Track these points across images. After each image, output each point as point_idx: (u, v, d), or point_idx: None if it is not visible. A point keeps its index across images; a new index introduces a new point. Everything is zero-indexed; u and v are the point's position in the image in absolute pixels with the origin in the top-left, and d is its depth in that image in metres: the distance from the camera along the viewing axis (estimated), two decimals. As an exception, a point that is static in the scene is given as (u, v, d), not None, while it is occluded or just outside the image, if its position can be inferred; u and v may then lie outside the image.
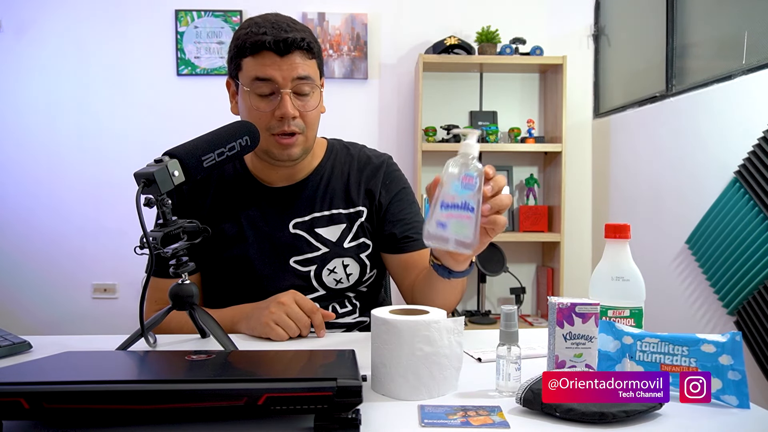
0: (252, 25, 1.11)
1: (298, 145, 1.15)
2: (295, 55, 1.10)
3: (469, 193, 0.80)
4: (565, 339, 0.74)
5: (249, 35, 1.09)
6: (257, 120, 1.10)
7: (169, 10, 3.06)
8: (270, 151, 1.14)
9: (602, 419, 0.63)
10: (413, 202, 1.29)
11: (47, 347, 0.96)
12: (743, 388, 0.70)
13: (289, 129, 1.11)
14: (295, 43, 1.09)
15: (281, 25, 1.10)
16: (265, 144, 1.13)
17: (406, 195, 1.28)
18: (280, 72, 1.09)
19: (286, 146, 1.13)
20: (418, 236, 1.23)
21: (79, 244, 3.09)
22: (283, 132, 1.12)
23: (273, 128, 1.12)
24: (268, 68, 1.08)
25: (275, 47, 1.08)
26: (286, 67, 1.09)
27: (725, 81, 2.08)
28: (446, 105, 3.14)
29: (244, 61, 1.11)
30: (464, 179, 0.80)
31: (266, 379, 0.62)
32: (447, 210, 0.80)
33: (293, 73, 1.09)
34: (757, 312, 1.86)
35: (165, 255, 0.90)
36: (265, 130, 1.12)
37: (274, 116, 1.11)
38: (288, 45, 1.08)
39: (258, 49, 1.08)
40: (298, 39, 1.09)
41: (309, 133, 1.16)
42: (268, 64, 1.09)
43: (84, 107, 3.07)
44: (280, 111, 1.10)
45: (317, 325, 1.04)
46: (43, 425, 0.64)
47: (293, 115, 1.10)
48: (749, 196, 1.90)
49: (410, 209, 1.27)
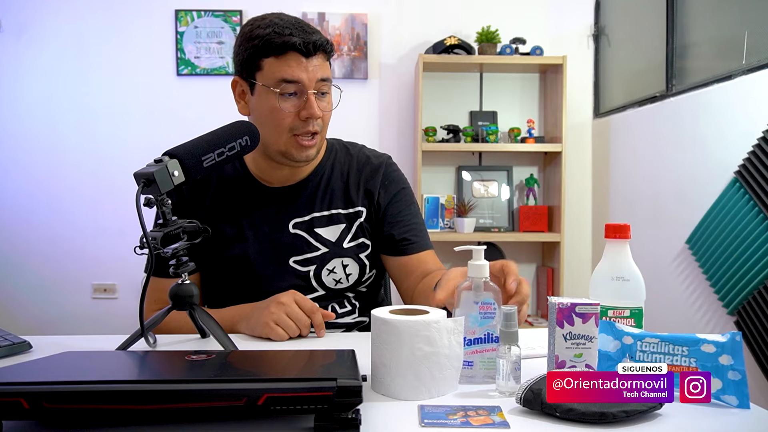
0: (272, 25, 1.10)
1: (316, 145, 1.16)
2: (318, 57, 1.11)
3: (490, 323, 0.78)
4: (565, 339, 0.74)
5: (272, 35, 1.08)
6: (280, 121, 1.11)
7: (169, 10, 3.06)
8: (288, 152, 1.14)
9: (602, 419, 0.63)
10: (412, 203, 1.28)
11: (47, 347, 0.96)
12: (743, 388, 0.70)
13: (313, 129, 1.12)
14: (320, 44, 1.10)
15: (304, 26, 1.11)
16: (283, 145, 1.13)
17: (405, 195, 1.28)
18: (306, 74, 1.09)
19: (307, 147, 1.14)
20: (416, 239, 1.23)
21: (79, 244, 3.08)
22: (307, 132, 1.12)
23: (297, 128, 1.12)
24: (296, 69, 1.09)
25: (303, 49, 1.08)
26: (311, 68, 1.10)
27: (725, 81, 2.07)
28: (446, 105, 3.14)
29: (266, 61, 1.10)
30: (482, 308, 0.78)
31: (266, 379, 0.62)
32: (470, 347, 0.78)
33: (318, 75, 1.11)
34: (757, 312, 1.86)
35: (165, 255, 0.90)
36: (288, 131, 1.12)
37: (299, 117, 1.11)
38: (315, 47, 1.10)
39: (284, 50, 1.08)
40: (324, 41, 1.11)
41: (324, 134, 1.18)
42: (295, 65, 1.09)
43: (84, 107, 3.07)
44: (306, 112, 1.10)
45: (317, 325, 1.04)
46: (43, 425, 0.64)
47: (319, 116, 1.11)
48: (749, 196, 1.90)
49: (409, 210, 1.26)
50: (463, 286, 0.80)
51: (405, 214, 1.25)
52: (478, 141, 2.99)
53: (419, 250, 1.23)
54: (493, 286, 0.79)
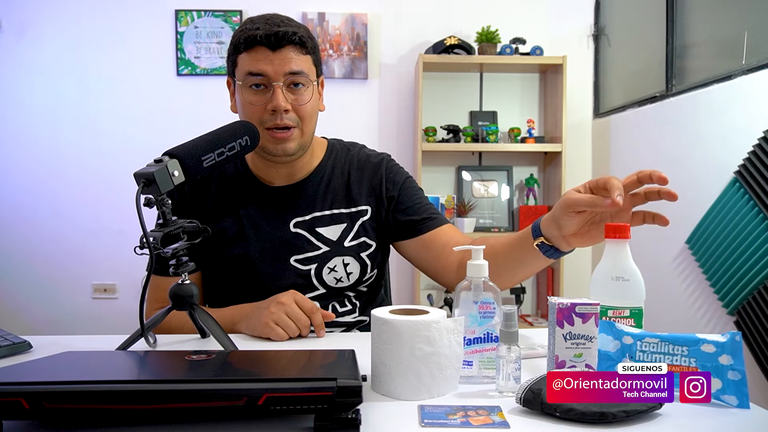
0: (248, 23, 1.13)
1: (294, 139, 1.15)
2: (287, 50, 1.11)
3: (489, 323, 0.78)
4: (565, 339, 0.74)
5: (243, 31, 1.11)
6: (251, 114, 1.12)
7: (169, 10, 3.06)
8: (264, 146, 1.14)
9: (602, 419, 0.63)
10: (420, 189, 1.30)
11: (47, 347, 0.96)
12: (743, 388, 0.70)
13: (282, 122, 1.12)
14: (287, 36, 1.10)
15: (275, 20, 1.12)
16: (261, 140, 1.13)
17: (412, 183, 1.29)
18: (272, 66, 1.10)
19: (280, 140, 1.13)
20: (436, 215, 1.24)
21: (79, 244, 3.08)
22: (276, 125, 1.12)
23: (266, 122, 1.12)
24: (261, 62, 1.10)
25: (267, 41, 1.09)
26: (278, 61, 1.10)
27: (725, 81, 2.08)
28: (446, 105, 3.14)
29: (240, 57, 1.13)
30: (481, 308, 0.78)
31: (266, 379, 0.62)
32: (470, 347, 0.78)
33: (285, 68, 1.10)
34: (757, 312, 1.86)
35: (165, 255, 0.90)
36: (259, 124, 1.12)
37: (267, 110, 1.11)
38: (279, 39, 1.09)
39: (251, 44, 1.10)
40: (290, 33, 1.10)
41: (305, 128, 1.16)
42: (261, 58, 1.10)
43: (84, 107, 3.07)
44: (271, 104, 1.11)
45: (317, 325, 1.04)
46: (43, 425, 0.64)
47: (285, 108, 1.11)
48: (749, 196, 1.90)
49: (420, 194, 1.28)
50: (463, 285, 0.80)
51: (418, 198, 1.26)
52: (478, 141, 2.99)
53: (442, 223, 1.23)
54: (492, 286, 0.79)
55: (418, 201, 1.26)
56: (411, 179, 1.30)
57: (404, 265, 3.13)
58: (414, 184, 1.29)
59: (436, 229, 1.22)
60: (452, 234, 1.22)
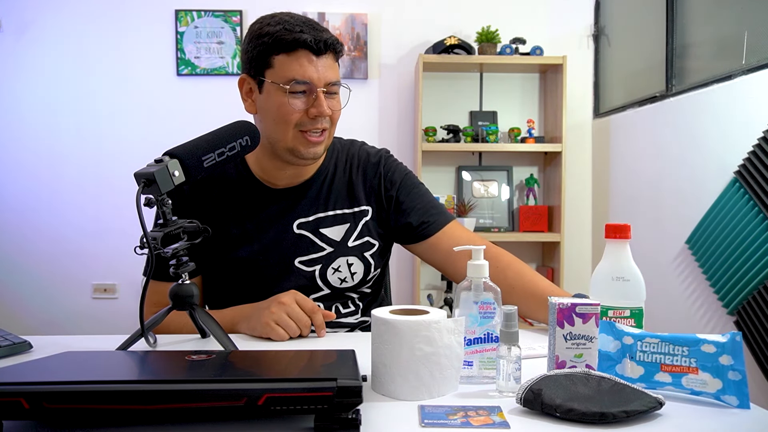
0: (283, 23, 1.10)
1: (324, 143, 1.16)
2: (329, 56, 1.12)
3: (490, 323, 0.78)
4: (565, 339, 0.74)
5: (283, 32, 1.08)
6: (288, 116, 1.10)
7: (169, 10, 3.06)
8: (296, 148, 1.13)
9: (602, 419, 0.63)
10: (419, 184, 1.28)
11: (47, 347, 0.96)
12: (743, 388, 0.70)
13: (322, 126, 1.12)
14: (330, 43, 1.10)
15: (314, 24, 1.11)
16: (291, 141, 1.12)
17: (411, 180, 1.27)
18: (317, 73, 1.09)
19: (314, 144, 1.13)
20: (434, 218, 1.23)
21: (79, 244, 3.08)
22: (315, 129, 1.12)
23: (303, 125, 1.11)
24: (307, 69, 1.09)
25: (313, 47, 1.08)
26: (321, 68, 1.10)
27: (725, 81, 2.07)
28: (446, 105, 3.14)
29: (276, 58, 1.10)
30: (481, 308, 0.78)
31: (266, 380, 0.62)
32: (470, 347, 0.78)
33: (329, 76, 1.11)
34: (757, 312, 1.86)
35: (165, 255, 0.90)
36: (294, 126, 1.11)
37: (308, 114, 1.11)
38: (326, 45, 1.10)
39: (295, 47, 1.08)
40: (333, 40, 1.11)
41: (332, 132, 1.17)
42: (306, 63, 1.09)
43: (84, 107, 3.07)
44: (316, 110, 1.10)
45: (318, 325, 1.04)
46: (43, 425, 0.64)
47: (328, 114, 1.11)
48: (749, 196, 1.90)
49: (418, 192, 1.26)
50: (463, 286, 0.80)
51: (415, 198, 1.25)
52: (478, 141, 2.99)
53: (445, 223, 1.22)
54: (493, 286, 0.79)
55: (416, 202, 1.24)
56: (410, 176, 1.28)
57: (404, 265, 3.13)
58: (413, 180, 1.28)
59: (439, 231, 1.21)
60: (458, 235, 1.21)
